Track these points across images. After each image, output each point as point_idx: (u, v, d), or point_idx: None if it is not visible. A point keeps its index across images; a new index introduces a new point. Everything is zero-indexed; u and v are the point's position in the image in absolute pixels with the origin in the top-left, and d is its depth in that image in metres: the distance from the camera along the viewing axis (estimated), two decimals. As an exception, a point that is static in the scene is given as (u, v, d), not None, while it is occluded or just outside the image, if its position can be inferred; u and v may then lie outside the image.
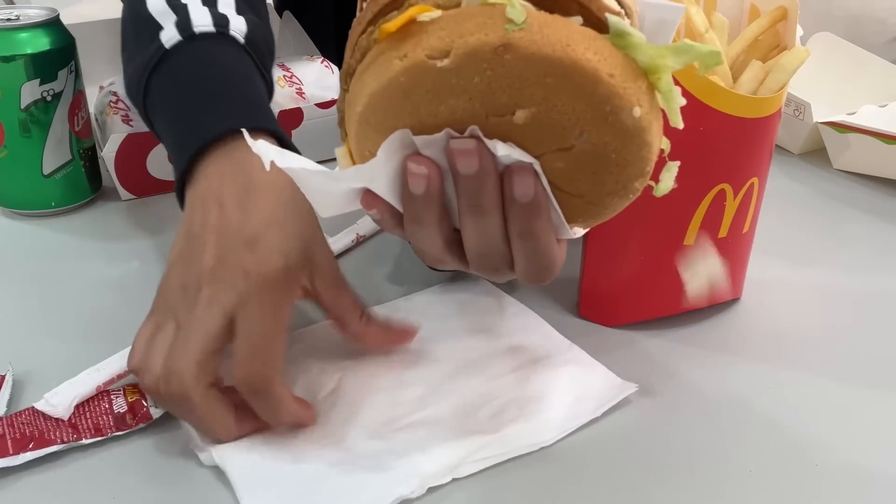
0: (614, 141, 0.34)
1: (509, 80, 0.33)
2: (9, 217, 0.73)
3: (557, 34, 0.32)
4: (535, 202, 0.37)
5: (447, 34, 0.32)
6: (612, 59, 0.33)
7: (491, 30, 0.32)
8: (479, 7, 0.33)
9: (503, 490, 0.44)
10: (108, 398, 0.48)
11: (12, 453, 0.44)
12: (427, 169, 0.37)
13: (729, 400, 0.51)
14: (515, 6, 0.32)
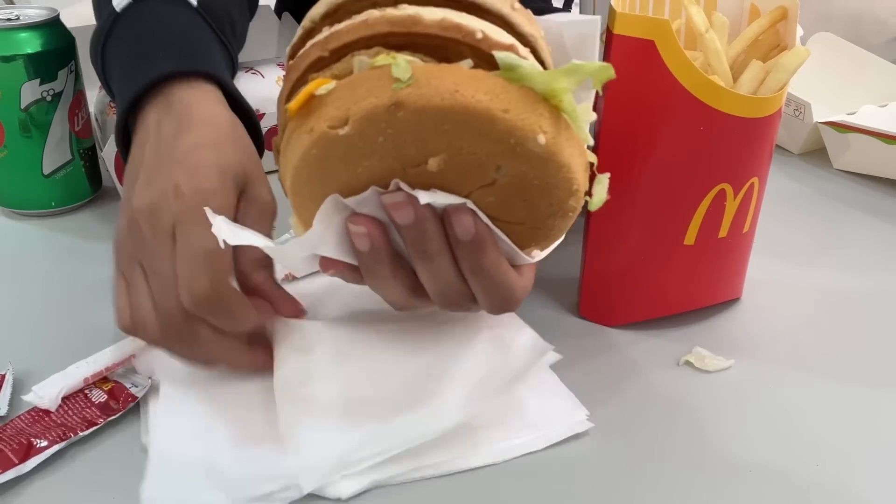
0: (531, 169, 0.35)
1: (411, 135, 0.34)
2: (9, 217, 0.73)
3: (445, 83, 0.33)
4: (478, 238, 0.38)
5: (343, 103, 0.34)
6: (504, 95, 0.33)
7: (380, 91, 0.33)
8: (368, 71, 0.34)
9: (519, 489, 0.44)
10: (82, 395, 0.48)
11: (18, 462, 0.44)
12: (366, 227, 0.38)
13: (729, 400, 0.51)
14: (400, 64, 0.33)
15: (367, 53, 0.35)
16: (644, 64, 0.49)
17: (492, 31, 0.35)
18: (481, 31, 0.34)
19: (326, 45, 0.36)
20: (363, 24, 0.35)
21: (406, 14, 0.35)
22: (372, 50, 0.35)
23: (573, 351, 0.55)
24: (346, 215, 0.38)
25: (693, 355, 0.54)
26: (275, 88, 0.79)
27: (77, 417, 0.47)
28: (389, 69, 0.33)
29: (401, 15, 0.35)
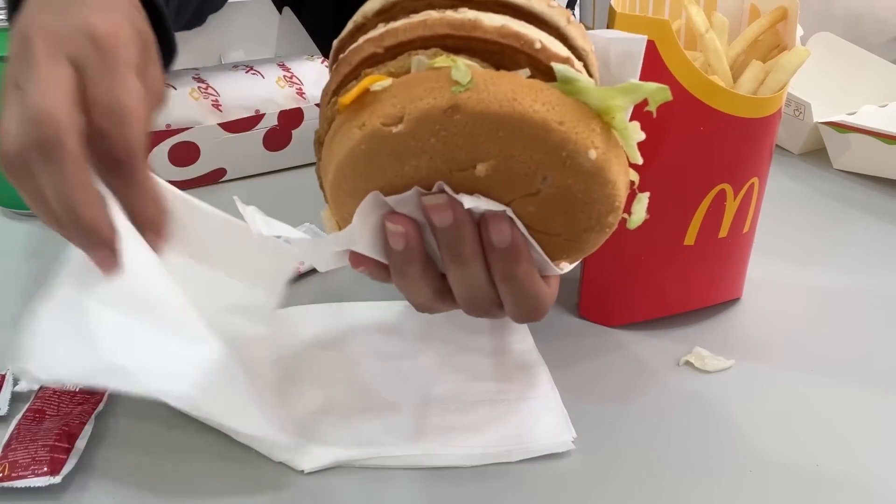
0: (577, 182, 0.36)
1: (464, 138, 0.34)
2: (9, 217, 0.72)
3: (503, 90, 0.33)
4: (514, 247, 0.38)
5: (399, 101, 0.34)
6: (560, 107, 0.34)
7: (439, 93, 0.33)
8: (427, 72, 0.34)
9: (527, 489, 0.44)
10: (59, 392, 0.49)
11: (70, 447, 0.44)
12: (403, 227, 0.38)
13: (729, 400, 0.51)
14: (460, 68, 0.33)
15: (426, 54, 0.35)
16: (644, 64, 0.49)
17: (549, 43, 0.35)
18: (540, 41, 0.35)
19: (381, 41, 0.36)
20: (421, 24, 0.35)
21: (466, 18, 0.35)
22: (430, 50, 0.35)
23: (573, 351, 0.55)
24: (383, 212, 0.38)
25: (693, 355, 0.54)
26: (275, 88, 0.79)
27: (70, 405, 0.48)
28: (449, 71, 0.33)
29: (461, 18, 0.35)
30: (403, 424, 0.47)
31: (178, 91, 0.76)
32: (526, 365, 0.53)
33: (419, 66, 0.35)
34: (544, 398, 0.50)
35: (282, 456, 0.45)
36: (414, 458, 0.45)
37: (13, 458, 0.43)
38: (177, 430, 0.48)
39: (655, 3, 0.59)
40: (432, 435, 0.47)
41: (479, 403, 0.49)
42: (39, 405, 0.48)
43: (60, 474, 0.43)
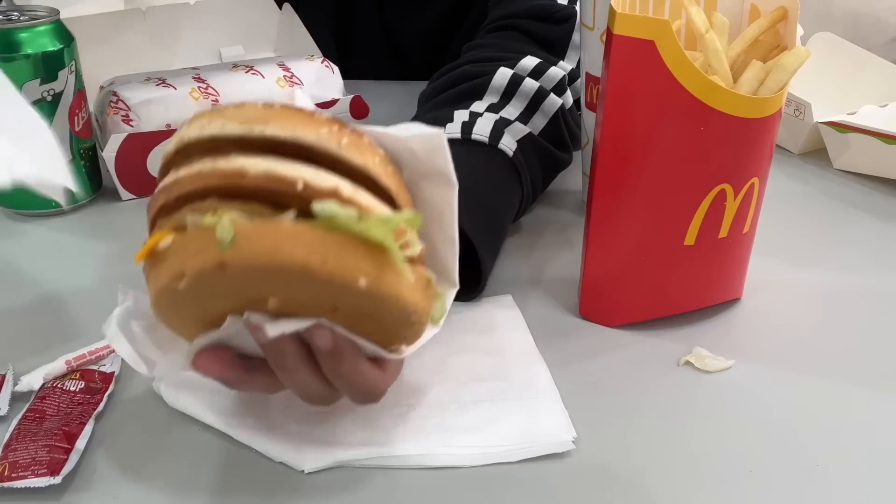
0: (363, 301, 0.38)
1: (244, 285, 0.37)
2: (9, 217, 0.72)
3: (264, 243, 0.35)
4: (337, 350, 0.40)
5: (178, 259, 0.37)
6: (322, 246, 0.36)
7: (206, 253, 0.35)
8: (197, 231, 0.36)
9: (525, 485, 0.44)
10: (60, 391, 0.49)
11: (70, 447, 0.45)
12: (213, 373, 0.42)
13: (729, 400, 0.51)
14: (224, 226, 0.35)
15: (200, 209, 0.37)
16: (644, 64, 0.49)
17: (314, 178, 0.37)
18: (302, 181, 0.36)
19: (170, 192, 0.38)
20: (198, 175, 0.37)
21: (233, 168, 0.37)
22: (206, 202, 0.37)
23: (573, 351, 0.55)
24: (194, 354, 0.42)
25: (693, 356, 0.54)
26: (275, 88, 0.79)
27: (75, 412, 0.47)
28: (214, 231, 0.35)
29: (227, 168, 0.37)
30: (404, 425, 0.47)
31: (178, 91, 0.76)
32: (526, 365, 0.53)
33: (194, 224, 0.37)
34: (544, 398, 0.50)
35: (282, 456, 0.45)
36: (414, 458, 0.45)
37: (13, 459, 0.43)
38: (177, 430, 0.48)
39: (655, 3, 0.59)
40: (433, 435, 0.47)
41: (479, 403, 0.49)
42: (40, 405, 0.48)
43: (60, 475, 0.43)
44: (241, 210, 0.36)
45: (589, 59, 0.68)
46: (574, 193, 0.76)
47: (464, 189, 0.58)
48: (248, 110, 0.38)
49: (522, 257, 0.66)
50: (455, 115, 0.64)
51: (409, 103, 0.77)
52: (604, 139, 0.53)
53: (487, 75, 0.67)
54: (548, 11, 0.73)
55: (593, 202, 0.55)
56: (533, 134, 0.66)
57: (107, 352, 0.52)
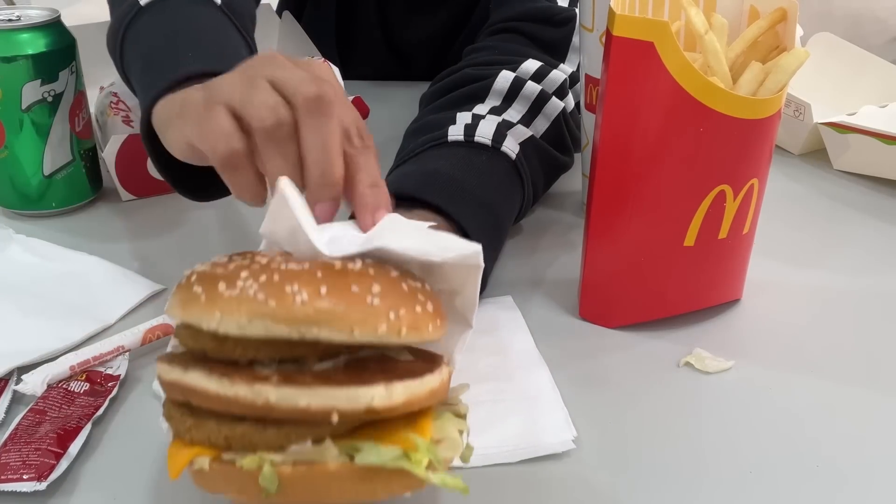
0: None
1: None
2: (9, 217, 0.73)
3: (310, 489, 0.35)
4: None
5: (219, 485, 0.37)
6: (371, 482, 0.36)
7: (251, 493, 0.35)
8: (238, 471, 0.35)
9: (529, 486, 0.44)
10: (63, 392, 0.49)
11: (62, 452, 0.45)
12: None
13: (729, 401, 0.51)
14: (266, 476, 0.35)
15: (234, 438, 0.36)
16: (643, 65, 0.49)
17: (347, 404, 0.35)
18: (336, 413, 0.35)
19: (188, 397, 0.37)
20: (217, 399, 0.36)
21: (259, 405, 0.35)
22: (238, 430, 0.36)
23: (573, 352, 0.55)
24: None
25: (693, 356, 0.54)
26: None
27: (76, 414, 0.47)
28: (257, 475, 0.35)
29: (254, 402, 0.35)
30: None
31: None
32: (526, 365, 0.53)
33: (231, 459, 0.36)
34: (545, 398, 0.50)
35: None
36: None
37: (5, 461, 0.44)
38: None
39: (655, 4, 0.59)
40: None
41: (479, 404, 0.49)
42: (42, 406, 0.48)
43: (47, 480, 0.43)
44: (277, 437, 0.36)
45: (588, 61, 0.68)
46: (574, 195, 0.76)
47: (466, 190, 0.58)
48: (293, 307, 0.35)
49: (523, 258, 0.66)
50: (458, 118, 0.64)
51: (410, 105, 0.77)
52: (603, 141, 0.53)
53: (489, 78, 0.68)
54: (548, 14, 0.73)
55: (593, 203, 0.55)
56: (535, 137, 0.66)
57: (112, 355, 0.52)
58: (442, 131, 0.63)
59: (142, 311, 0.59)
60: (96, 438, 0.47)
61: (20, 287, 0.61)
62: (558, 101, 0.69)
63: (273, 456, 0.35)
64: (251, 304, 0.35)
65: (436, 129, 0.64)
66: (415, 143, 0.64)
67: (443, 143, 0.62)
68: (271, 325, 0.35)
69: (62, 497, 0.43)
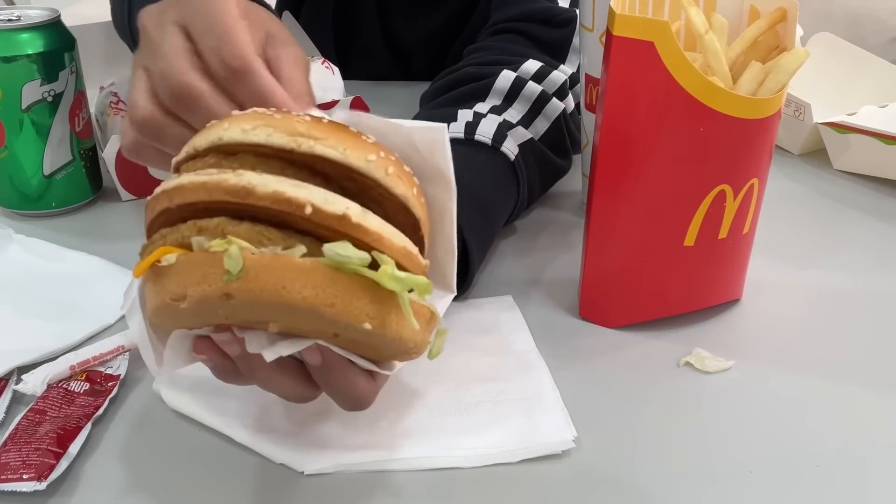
0: (363, 338, 0.38)
1: (246, 312, 0.36)
2: (9, 217, 0.73)
3: (273, 278, 0.35)
4: (326, 364, 0.40)
5: (181, 280, 0.36)
6: (331, 288, 0.35)
7: (212, 280, 0.35)
8: (204, 254, 0.36)
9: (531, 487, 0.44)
10: (63, 392, 0.49)
11: (62, 452, 0.44)
12: (206, 355, 0.41)
13: (729, 401, 0.51)
14: (232, 256, 0.35)
15: (208, 229, 0.36)
16: (643, 65, 0.49)
17: (323, 202, 0.36)
18: (311, 206, 0.35)
19: (173, 197, 0.38)
20: (202, 187, 0.36)
21: (240, 185, 0.36)
22: (214, 221, 0.36)
23: (573, 352, 0.55)
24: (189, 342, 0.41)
25: (693, 356, 0.54)
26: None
27: (74, 415, 0.47)
28: (222, 258, 0.35)
29: (235, 184, 0.36)
30: (404, 427, 0.47)
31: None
32: (526, 365, 0.53)
33: (199, 246, 0.36)
34: (545, 398, 0.50)
35: (282, 458, 0.45)
36: (415, 460, 0.45)
37: (5, 461, 0.44)
38: (175, 433, 0.48)
39: (655, 4, 0.59)
40: (433, 438, 0.47)
41: (479, 404, 0.49)
42: (42, 406, 0.48)
43: (47, 480, 0.43)
44: (249, 233, 0.36)
45: (588, 61, 0.68)
46: (574, 195, 0.76)
47: (463, 186, 0.58)
48: (296, 123, 0.38)
49: (523, 258, 0.66)
50: (459, 115, 0.64)
51: (410, 104, 0.77)
52: (603, 140, 0.53)
53: (490, 77, 0.68)
54: (549, 15, 0.73)
55: (593, 203, 0.55)
56: (534, 139, 0.66)
57: (112, 355, 0.52)
58: None
59: (142, 310, 0.59)
60: (96, 438, 0.47)
61: (20, 287, 0.61)
62: (559, 103, 0.69)
63: (242, 243, 0.35)
64: (258, 116, 0.38)
65: None
66: None
67: None
68: (273, 132, 0.37)
69: (62, 497, 0.43)
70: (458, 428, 0.47)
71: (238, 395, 0.49)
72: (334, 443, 0.46)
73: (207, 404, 0.48)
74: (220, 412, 0.48)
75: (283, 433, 0.46)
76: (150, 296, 0.38)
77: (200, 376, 0.50)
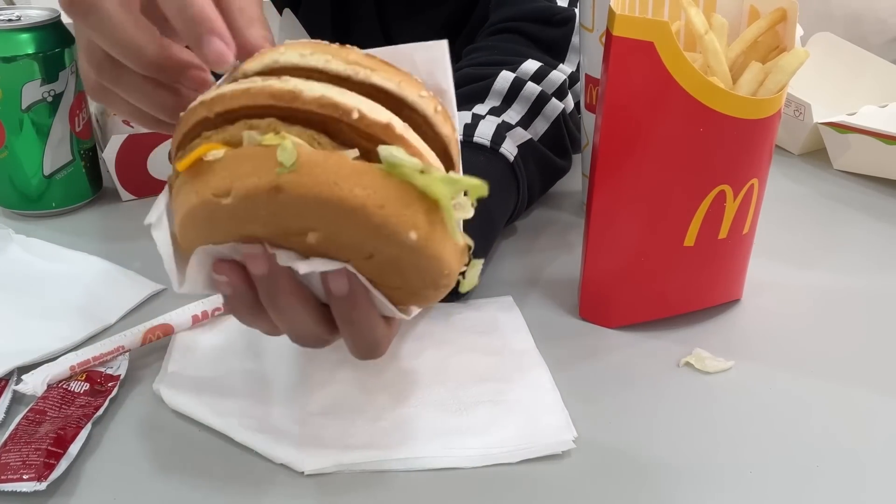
0: (403, 254, 0.37)
1: (291, 214, 0.35)
2: (9, 217, 0.73)
3: (326, 174, 0.34)
4: (351, 296, 0.39)
5: (228, 175, 0.35)
6: (383, 190, 0.35)
7: (263, 173, 0.34)
8: (255, 149, 0.35)
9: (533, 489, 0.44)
10: (63, 392, 0.49)
11: (62, 452, 0.44)
12: (227, 276, 0.40)
13: (729, 401, 0.51)
14: (286, 148, 0.34)
15: (259, 127, 0.36)
16: (643, 65, 0.49)
17: (370, 110, 0.36)
18: (358, 111, 0.35)
19: (212, 106, 0.37)
20: (245, 92, 0.36)
21: (286, 88, 0.35)
22: (265, 121, 0.36)
23: (573, 352, 0.55)
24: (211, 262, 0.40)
25: (693, 357, 0.54)
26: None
27: (74, 415, 0.47)
28: (275, 151, 0.34)
29: (280, 88, 0.35)
30: (404, 427, 0.47)
31: (178, 92, 0.76)
32: (526, 365, 0.53)
33: (250, 141, 0.35)
34: (544, 399, 0.50)
35: (283, 457, 0.45)
36: (415, 460, 0.45)
37: (5, 461, 0.44)
38: (175, 433, 0.48)
39: (655, 5, 0.59)
40: (433, 437, 0.47)
41: (479, 404, 0.49)
42: (42, 406, 0.48)
43: (47, 481, 0.43)
44: (301, 135, 0.35)
45: (588, 61, 0.68)
46: (574, 195, 0.76)
47: None
48: (352, 54, 0.38)
49: (522, 258, 0.66)
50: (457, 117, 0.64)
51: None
52: (603, 140, 0.53)
53: (489, 78, 0.68)
54: (548, 14, 0.73)
55: (593, 203, 0.55)
56: (533, 140, 0.66)
57: (112, 355, 0.52)
58: None
59: (142, 311, 0.59)
60: (96, 438, 0.47)
61: (20, 287, 0.61)
62: (558, 103, 0.69)
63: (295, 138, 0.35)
64: (315, 45, 0.38)
65: None
66: None
67: None
68: (331, 59, 0.37)
69: (62, 497, 0.43)
70: (458, 428, 0.47)
71: (238, 395, 0.49)
72: (334, 443, 0.46)
73: (208, 404, 0.48)
74: (220, 412, 0.48)
75: (284, 433, 0.46)
76: (187, 197, 0.37)
77: (201, 376, 0.50)
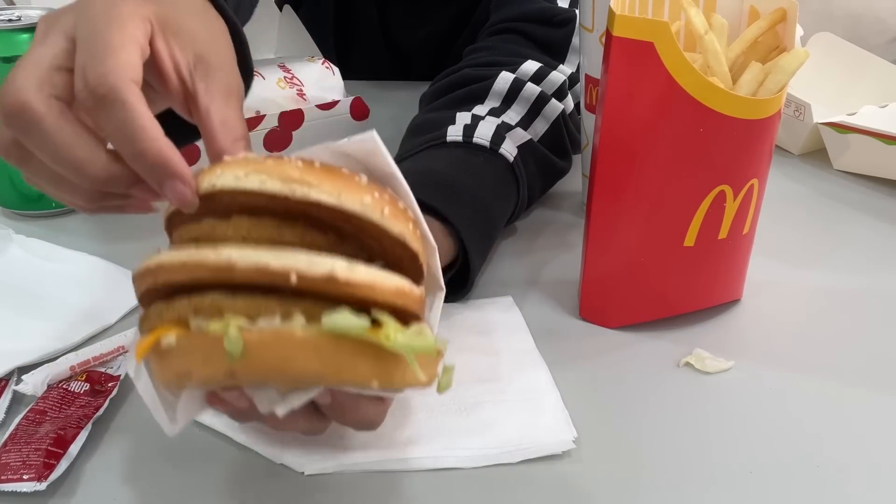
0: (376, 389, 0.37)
1: (254, 383, 0.37)
2: (9, 217, 0.73)
3: (275, 355, 0.35)
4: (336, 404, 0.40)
5: (184, 362, 0.36)
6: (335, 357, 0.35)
7: (215, 362, 0.35)
8: (203, 337, 0.35)
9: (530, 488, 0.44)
10: (63, 392, 0.49)
11: (62, 452, 0.44)
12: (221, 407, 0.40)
13: (729, 401, 0.51)
14: (231, 337, 0.34)
15: (203, 309, 0.36)
16: (643, 65, 0.49)
17: (308, 267, 0.35)
18: (295, 273, 0.35)
19: (157, 276, 0.37)
20: (184, 266, 0.36)
21: (220, 262, 0.35)
22: (208, 298, 0.36)
23: (573, 352, 0.55)
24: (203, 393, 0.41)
25: (693, 357, 0.54)
26: (275, 90, 0.79)
27: (74, 415, 0.47)
28: (222, 339, 0.34)
29: (216, 262, 0.35)
30: (404, 427, 0.47)
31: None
32: (526, 366, 0.53)
33: (198, 328, 0.36)
34: (545, 399, 0.50)
35: (283, 458, 0.45)
36: (415, 461, 0.45)
37: (5, 461, 0.44)
38: (177, 435, 0.48)
39: (655, 5, 0.59)
40: (434, 438, 0.47)
41: (479, 404, 0.49)
42: (42, 406, 0.48)
43: (47, 481, 0.43)
44: (246, 306, 0.35)
45: (588, 61, 0.68)
46: (574, 195, 0.76)
47: (462, 189, 0.58)
48: (288, 168, 0.37)
49: (523, 259, 0.66)
50: (457, 118, 0.64)
51: (410, 105, 0.77)
52: (603, 141, 0.53)
53: (489, 79, 0.68)
54: (548, 15, 0.73)
55: (593, 204, 0.55)
56: (533, 141, 0.66)
57: (112, 356, 0.52)
58: (441, 131, 0.63)
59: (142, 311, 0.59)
60: (96, 439, 0.47)
61: (20, 287, 0.61)
62: (557, 103, 0.69)
63: (240, 321, 0.35)
64: (250, 163, 0.37)
65: (435, 129, 0.64)
66: (414, 142, 0.64)
67: (441, 143, 0.62)
68: (266, 179, 0.36)
69: (62, 497, 0.43)
70: (458, 428, 0.47)
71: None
72: (334, 443, 0.46)
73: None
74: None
75: (284, 434, 0.46)
76: (156, 371, 0.38)
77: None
